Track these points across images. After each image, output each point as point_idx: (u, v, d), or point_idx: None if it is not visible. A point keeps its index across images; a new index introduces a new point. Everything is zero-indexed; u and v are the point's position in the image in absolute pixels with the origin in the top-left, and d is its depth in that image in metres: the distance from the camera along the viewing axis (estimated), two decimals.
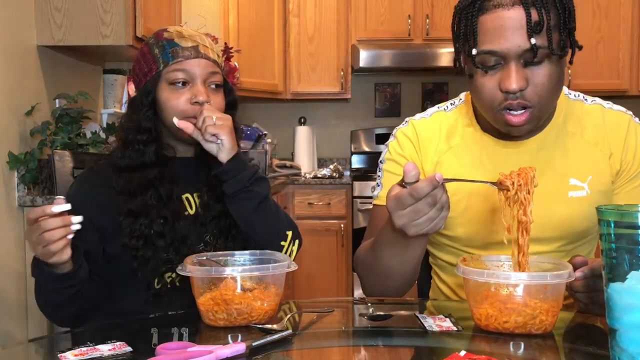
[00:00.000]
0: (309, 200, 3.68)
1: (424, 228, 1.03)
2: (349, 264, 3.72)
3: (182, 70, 1.31)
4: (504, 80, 1.12)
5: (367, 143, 4.32)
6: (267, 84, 3.87)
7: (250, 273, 1.08)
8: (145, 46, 1.37)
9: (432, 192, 1.00)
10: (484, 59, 1.14)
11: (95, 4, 2.37)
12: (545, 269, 1.07)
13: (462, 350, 0.88)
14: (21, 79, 2.34)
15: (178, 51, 1.32)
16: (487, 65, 1.14)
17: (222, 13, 3.52)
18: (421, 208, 1.01)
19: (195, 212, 1.37)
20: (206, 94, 1.32)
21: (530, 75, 1.13)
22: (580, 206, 1.24)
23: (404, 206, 1.02)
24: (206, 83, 1.33)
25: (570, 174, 1.25)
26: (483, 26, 1.13)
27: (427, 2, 3.92)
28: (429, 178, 1.00)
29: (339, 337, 1.06)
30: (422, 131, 1.34)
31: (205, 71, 1.33)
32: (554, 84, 1.15)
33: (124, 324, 1.13)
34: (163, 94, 1.32)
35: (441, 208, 1.02)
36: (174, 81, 1.31)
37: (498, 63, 1.13)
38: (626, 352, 0.78)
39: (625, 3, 3.90)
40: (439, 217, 1.03)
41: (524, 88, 1.12)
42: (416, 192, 1.00)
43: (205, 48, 1.34)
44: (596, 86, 3.83)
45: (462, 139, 1.31)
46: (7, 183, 2.27)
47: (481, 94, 1.17)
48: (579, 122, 1.28)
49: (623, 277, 0.77)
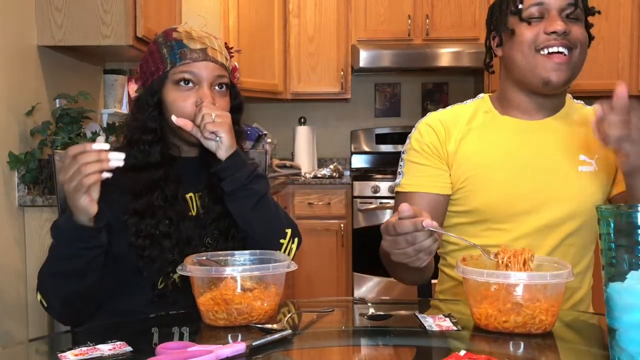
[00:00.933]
0: (309, 200, 3.68)
1: (403, 260, 1.07)
2: (349, 264, 3.72)
3: (189, 72, 1.31)
4: (550, 24, 1.27)
5: (367, 143, 4.32)
6: (267, 84, 3.87)
7: (250, 273, 1.09)
8: (154, 44, 1.37)
9: (413, 233, 1.03)
10: (531, 13, 1.29)
11: (96, 4, 2.37)
12: (545, 269, 1.07)
13: (462, 350, 0.88)
14: (21, 79, 2.34)
15: (186, 53, 1.31)
16: (533, 16, 1.29)
17: (222, 13, 3.52)
18: (399, 242, 1.05)
19: (196, 213, 1.37)
20: (212, 97, 1.31)
21: (571, 26, 1.28)
22: (589, 180, 1.33)
23: (389, 233, 1.07)
24: (212, 86, 1.33)
25: (580, 151, 1.35)
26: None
27: (427, 2, 3.92)
28: (415, 220, 1.03)
29: (339, 337, 1.07)
30: (446, 117, 1.42)
31: (212, 74, 1.32)
32: (584, 45, 1.32)
33: (124, 324, 1.13)
34: (169, 95, 1.32)
35: (419, 250, 1.05)
36: (179, 82, 1.31)
37: (542, 16, 1.29)
38: (626, 351, 0.78)
39: (625, 3, 3.90)
40: (415, 257, 1.06)
41: (568, 32, 1.27)
42: (398, 227, 1.04)
43: (213, 51, 1.34)
44: (596, 86, 3.82)
45: (482, 121, 1.40)
46: (8, 183, 2.27)
47: (525, 41, 1.29)
48: (584, 118, 1.38)
49: (622, 277, 0.77)
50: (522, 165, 1.34)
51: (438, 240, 1.06)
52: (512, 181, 1.33)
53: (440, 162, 1.38)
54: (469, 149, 1.37)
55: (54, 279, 1.21)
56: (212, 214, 1.36)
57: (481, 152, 1.36)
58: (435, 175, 1.38)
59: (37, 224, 2.33)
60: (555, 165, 1.34)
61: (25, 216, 2.33)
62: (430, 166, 1.38)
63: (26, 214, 2.33)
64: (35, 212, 2.33)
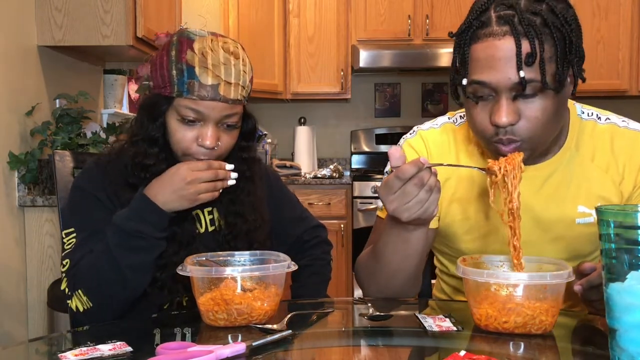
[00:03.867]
0: (309, 200, 3.68)
1: (416, 211, 1.03)
2: (349, 264, 3.72)
3: (194, 110, 1.21)
4: (494, 114, 1.07)
5: (367, 143, 4.32)
6: (267, 84, 3.87)
7: (250, 273, 1.09)
8: (165, 55, 1.23)
9: (418, 173, 1.00)
10: (475, 90, 1.09)
11: (96, 4, 2.38)
12: (545, 269, 1.07)
13: (462, 350, 0.88)
14: (22, 79, 2.34)
15: (194, 86, 1.19)
16: (479, 96, 1.09)
17: (222, 13, 3.52)
18: (409, 190, 1.01)
19: (205, 229, 1.34)
20: (215, 138, 1.23)
21: (523, 109, 1.07)
22: (587, 231, 1.21)
23: (392, 190, 1.02)
24: (219, 124, 1.24)
25: (579, 201, 1.21)
26: (474, 55, 1.07)
27: (427, 2, 3.92)
28: (414, 160, 1.00)
29: (339, 337, 1.07)
30: (432, 143, 1.30)
31: (220, 114, 1.22)
32: (549, 117, 1.08)
33: (124, 324, 1.13)
34: (171, 122, 1.24)
35: (430, 190, 1.02)
36: (183, 117, 1.22)
37: (490, 95, 1.08)
38: (626, 352, 0.78)
39: (625, 3, 3.90)
40: (429, 199, 1.03)
41: (515, 122, 1.07)
42: (402, 174, 1.00)
43: (227, 86, 1.21)
44: (596, 86, 3.84)
45: (470, 159, 1.27)
46: (8, 183, 2.27)
47: (473, 125, 1.13)
48: (591, 146, 1.23)
49: (623, 277, 0.77)
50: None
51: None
52: (499, 235, 1.23)
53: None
54: (452, 195, 1.26)
55: (119, 275, 1.17)
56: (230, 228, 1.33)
57: (464, 202, 1.25)
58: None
59: (37, 224, 2.33)
60: (549, 216, 1.21)
61: (25, 216, 2.33)
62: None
63: (26, 214, 2.33)
64: (35, 212, 2.33)
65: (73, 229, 1.25)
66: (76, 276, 1.20)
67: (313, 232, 1.56)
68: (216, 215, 1.36)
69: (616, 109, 1.37)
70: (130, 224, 1.18)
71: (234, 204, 1.34)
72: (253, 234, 1.35)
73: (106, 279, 1.18)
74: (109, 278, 1.18)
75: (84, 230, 1.24)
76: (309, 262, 1.50)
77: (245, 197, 1.35)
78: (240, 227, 1.33)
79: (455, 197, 1.27)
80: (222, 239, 1.33)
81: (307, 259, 1.50)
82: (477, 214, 1.26)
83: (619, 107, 4.35)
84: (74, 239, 1.24)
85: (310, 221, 1.58)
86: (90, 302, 1.19)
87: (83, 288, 1.19)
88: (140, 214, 1.18)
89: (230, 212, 1.34)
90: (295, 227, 1.54)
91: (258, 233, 1.36)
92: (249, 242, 1.33)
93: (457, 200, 1.27)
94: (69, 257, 1.23)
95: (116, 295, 1.19)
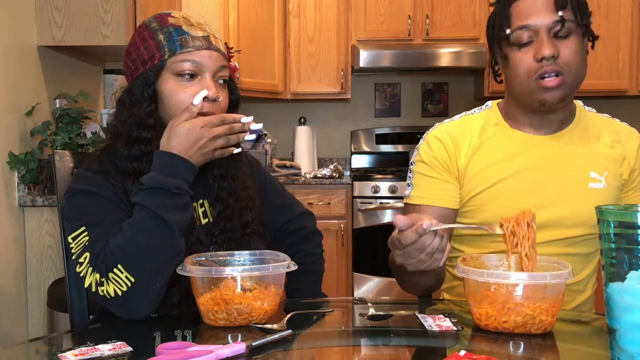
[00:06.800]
0: (309, 200, 3.68)
1: (421, 267, 1.09)
2: (349, 264, 3.71)
3: (192, 61, 1.20)
4: (538, 50, 1.25)
5: (367, 143, 4.32)
6: (267, 84, 3.87)
7: (250, 273, 1.09)
8: (145, 30, 1.24)
9: (420, 239, 1.05)
10: (519, 36, 1.27)
11: (96, 4, 2.38)
12: (545, 269, 1.07)
13: (462, 350, 0.88)
14: (21, 79, 2.34)
15: (187, 40, 1.21)
16: (521, 42, 1.27)
17: (222, 13, 3.52)
18: (410, 253, 1.07)
19: (207, 221, 1.31)
20: (216, 89, 1.22)
21: (560, 46, 1.26)
22: (599, 197, 1.34)
23: (396, 248, 1.09)
24: (215, 77, 1.23)
25: (590, 167, 1.36)
26: (516, 9, 1.28)
27: (427, 2, 3.92)
28: (416, 227, 1.04)
29: (339, 337, 1.07)
30: (455, 131, 1.41)
31: (216, 64, 1.23)
32: (580, 58, 1.28)
33: (124, 324, 1.13)
34: (167, 86, 1.21)
35: (432, 253, 1.07)
36: (180, 72, 1.20)
37: (530, 40, 1.26)
38: (626, 352, 0.78)
39: (625, 3, 3.90)
40: (431, 259, 1.08)
41: (556, 55, 1.25)
42: (403, 240, 1.06)
43: (215, 39, 1.25)
44: (596, 86, 3.84)
45: (493, 134, 1.39)
46: (8, 183, 2.27)
47: (518, 69, 1.28)
48: (594, 129, 1.40)
49: (623, 277, 0.77)
50: (532, 181, 1.34)
51: (445, 236, 1.07)
52: (522, 197, 1.33)
53: (450, 177, 1.38)
54: (480, 164, 1.37)
55: (169, 232, 1.11)
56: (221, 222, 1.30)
57: (492, 167, 1.36)
58: (444, 188, 1.37)
59: (37, 224, 2.33)
60: (565, 182, 1.34)
61: (25, 216, 2.33)
62: (440, 179, 1.38)
63: (26, 214, 2.33)
64: (35, 212, 2.33)
65: (84, 227, 1.16)
66: (108, 256, 1.11)
67: (299, 221, 1.53)
68: (207, 207, 1.32)
69: (616, 109, 1.41)
70: (170, 181, 1.13)
71: (225, 179, 1.31)
72: (245, 213, 1.31)
73: (152, 245, 1.10)
74: (153, 244, 1.10)
75: (98, 225, 1.16)
76: (300, 261, 1.42)
77: (235, 172, 1.33)
78: (233, 206, 1.30)
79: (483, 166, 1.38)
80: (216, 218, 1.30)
81: (298, 257, 1.44)
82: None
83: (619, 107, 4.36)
84: (86, 237, 1.15)
85: (295, 208, 1.53)
86: (132, 276, 1.09)
87: (121, 264, 1.09)
88: (174, 171, 1.14)
89: (221, 189, 1.30)
90: (278, 214, 1.49)
91: (252, 213, 1.33)
92: (242, 225, 1.30)
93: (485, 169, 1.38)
94: (87, 250, 1.13)
95: (164, 259, 1.12)
